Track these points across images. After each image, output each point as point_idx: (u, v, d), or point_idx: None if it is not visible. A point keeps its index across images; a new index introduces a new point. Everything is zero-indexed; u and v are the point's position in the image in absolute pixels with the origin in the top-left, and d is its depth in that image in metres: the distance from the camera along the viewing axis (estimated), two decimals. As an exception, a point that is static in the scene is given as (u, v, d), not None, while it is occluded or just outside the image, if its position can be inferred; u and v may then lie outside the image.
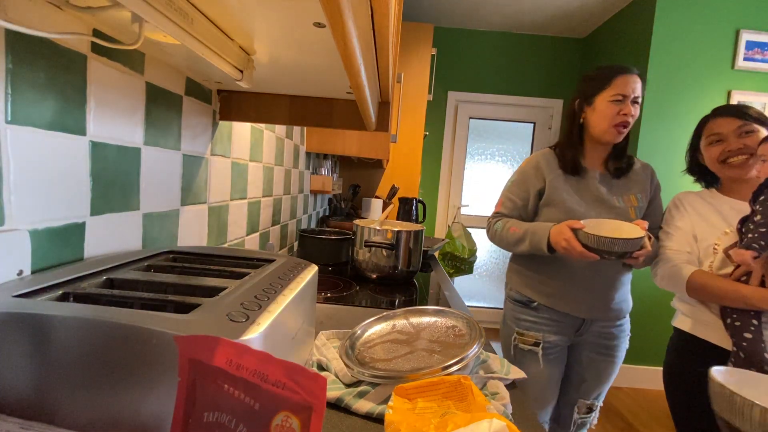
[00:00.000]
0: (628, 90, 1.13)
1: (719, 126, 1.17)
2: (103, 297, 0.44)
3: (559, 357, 1.26)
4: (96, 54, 0.56)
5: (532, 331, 1.26)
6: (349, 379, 0.67)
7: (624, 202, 1.20)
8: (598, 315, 1.22)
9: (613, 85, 1.15)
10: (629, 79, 1.14)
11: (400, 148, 2.78)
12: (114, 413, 0.36)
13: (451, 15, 3.31)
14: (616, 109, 1.14)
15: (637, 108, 1.16)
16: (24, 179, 0.46)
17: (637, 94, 1.15)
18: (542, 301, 1.25)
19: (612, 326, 1.25)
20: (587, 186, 1.21)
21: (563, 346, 1.26)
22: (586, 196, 1.20)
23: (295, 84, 0.85)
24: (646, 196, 1.21)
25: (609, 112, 1.15)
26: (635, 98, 1.15)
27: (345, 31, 0.41)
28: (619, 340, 1.27)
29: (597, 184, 1.21)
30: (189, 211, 0.86)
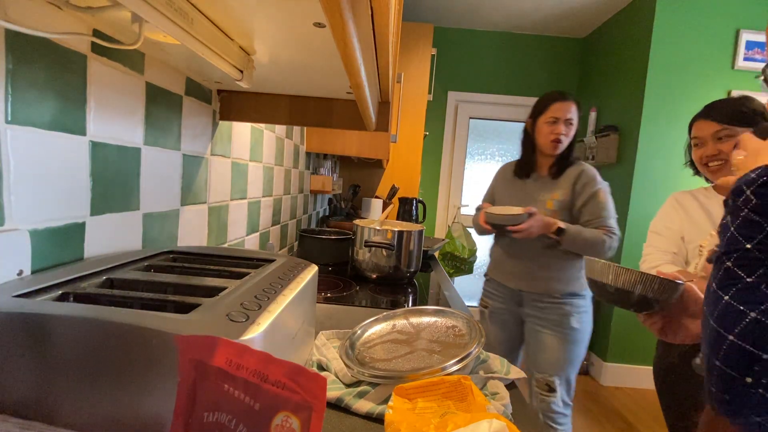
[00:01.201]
0: (561, 114, 1.48)
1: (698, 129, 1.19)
2: (103, 297, 0.44)
3: (504, 322, 1.64)
4: (96, 54, 0.56)
5: (486, 298, 1.71)
6: (349, 379, 0.67)
7: (546, 197, 1.51)
8: (524, 287, 1.55)
9: (550, 109, 1.49)
10: (563, 105, 1.48)
11: (400, 148, 2.78)
12: (114, 413, 0.35)
13: (451, 15, 3.31)
14: (550, 129, 1.49)
15: (570, 128, 1.50)
16: (24, 179, 0.46)
17: (569, 116, 1.48)
18: (490, 274, 1.70)
19: (549, 301, 1.51)
20: (524, 186, 1.58)
21: (509, 314, 1.63)
22: (520, 194, 1.58)
23: (295, 84, 0.85)
24: (569, 195, 1.49)
25: (546, 131, 1.50)
26: (567, 120, 1.48)
27: (345, 31, 0.41)
28: (563, 318, 1.49)
29: (533, 185, 1.56)
30: (189, 211, 0.86)
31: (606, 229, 1.44)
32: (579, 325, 1.49)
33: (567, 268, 1.50)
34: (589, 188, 1.46)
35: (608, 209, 1.46)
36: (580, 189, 1.47)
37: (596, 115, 3.17)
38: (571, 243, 1.44)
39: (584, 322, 1.50)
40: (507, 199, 1.61)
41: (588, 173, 1.49)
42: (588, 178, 1.48)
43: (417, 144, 2.79)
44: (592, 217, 1.45)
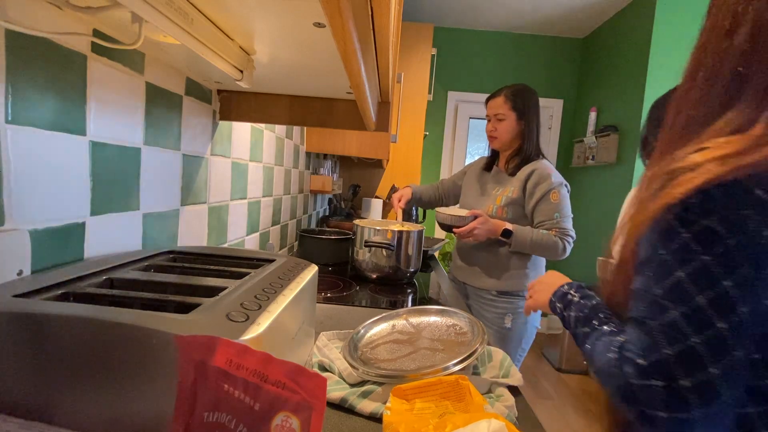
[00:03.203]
0: (490, 111, 1.55)
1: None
2: (103, 297, 0.44)
3: None
4: (96, 54, 0.56)
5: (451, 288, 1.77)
6: (354, 379, 0.67)
7: (497, 192, 1.54)
8: (468, 281, 1.60)
9: (486, 109, 1.59)
10: (491, 102, 1.55)
11: (400, 148, 2.78)
12: (114, 413, 0.36)
13: (451, 15, 3.31)
14: (486, 127, 1.59)
15: (501, 122, 1.52)
16: (24, 179, 0.46)
17: (497, 112, 1.52)
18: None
19: (487, 297, 1.54)
20: (485, 179, 1.64)
21: (462, 305, 1.59)
22: (478, 185, 1.65)
23: (295, 84, 0.85)
24: (519, 192, 1.49)
25: (486, 128, 1.60)
26: (495, 115, 1.53)
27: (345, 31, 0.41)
28: (497, 316, 1.52)
29: (491, 178, 1.62)
30: (189, 211, 0.86)
31: (558, 231, 1.42)
32: (510, 325, 1.50)
33: (509, 267, 1.50)
34: (541, 188, 1.44)
35: (561, 210, 1.44)
36: (531, 188, 1.46)
37: (596, 115, 3.17)
38: (521, 245, 1.44)
39: (518, 323, 1.50)
40: (467, 188, 1.69)
41: (540, 172, 1.46)
42: (539, 177, 1.45)
43: (417, 144, 2.79)
44: (545, 218, 1.44)
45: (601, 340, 0.54)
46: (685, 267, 0.45)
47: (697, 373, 0.42)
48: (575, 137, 3.49)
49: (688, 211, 0.45)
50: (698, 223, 0.45)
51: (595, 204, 3.13)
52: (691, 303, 0.44)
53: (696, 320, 0.43)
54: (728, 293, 0.43)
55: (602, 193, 3.06)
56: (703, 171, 0.45)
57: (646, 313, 0.47)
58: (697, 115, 0.52)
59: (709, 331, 0.43)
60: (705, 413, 0.42)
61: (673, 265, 0.46)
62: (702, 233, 0.44)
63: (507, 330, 1.51)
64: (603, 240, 2.96)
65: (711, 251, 0.44)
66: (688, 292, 0.44)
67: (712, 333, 0.42)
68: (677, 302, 0.45)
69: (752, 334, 0.44)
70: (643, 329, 0.47)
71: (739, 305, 0.43)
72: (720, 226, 0.44)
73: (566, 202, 1.46)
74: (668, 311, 0.45)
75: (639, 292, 0.49)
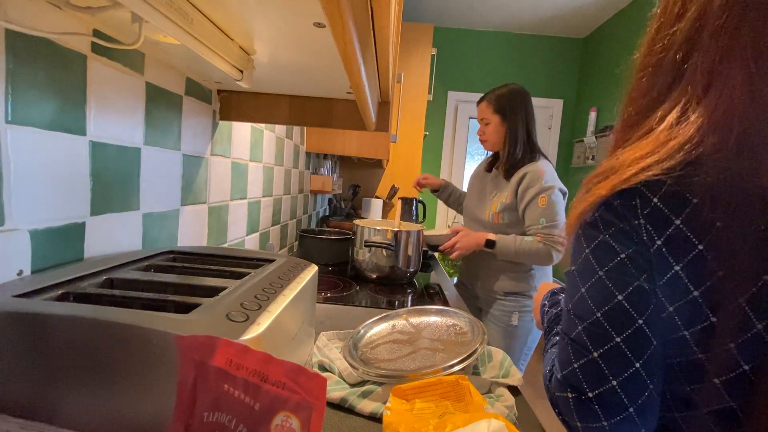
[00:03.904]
0: (477, 116, 1.58)
1: None
2: (103, 297, 0.44)
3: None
4: (96, 54, 0.56)
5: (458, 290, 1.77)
6: (354, 379, 0.67)
7: (494, 198, 1.55)
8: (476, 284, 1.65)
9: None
10: (478, 108, 1.58)
11: (400, 148, 2.78)
12: (114, 413, 0.36)
13: (451, 15, 3.31)
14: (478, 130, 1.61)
15: (487, 126, 1.54)
16: (24, 179, 0.46)
17: (483, 116, 1.54)
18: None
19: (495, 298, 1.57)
20: (486, 181, 1.64)
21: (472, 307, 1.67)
22: (478, 191, 1.66)
23: (295, 84, 0.85)
24: (512, 197, 1.48)
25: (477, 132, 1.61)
26: (481, 120, 1.56)
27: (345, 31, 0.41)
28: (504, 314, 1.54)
29: (491, 181, 1.61)
30: (189, 211, 0.86)
31: (543, 237, 1.41)
32: (518, 323, 1.53)
33: (514, 269, 1.52)
34: (530, 192, 1.43)
35: (548, 215, 1.41)
36: (522, 192, 1.45)
37: (596, 115, 3.17)
38: (505, 254, 1.46)
39: (525, 320, 1.53)
40: (470, 192, 1.72)
41: (532, 176, 1.44)
42: (530, 180, 1.43)
43: (417, 144, 2.79)
44: (531, 223, 1.44)
45: (545, 355, 0.56)
46: (585, 282, 0.46)
47: (599, 385, 0.44)
48: (575, 137, 3.49)
49: (591, 225, 0.46)
50: (596, 237, 0.46)
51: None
52: (590, 318, 0.45)
53: (595, 335, 0.45)
54: (622, 306, 0.44)
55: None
56: (609, 181, 0.45)
57: (564, 327, 0.49)
58: (640, 107, 0.51)
59: (607, 346, 0.44)
60: (616, 422, 0.43)
61: (578, 282, 0.47)
62: (598, 247, 0.46)
63: (514, 327, 1.53)
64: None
65: (604, 266, 0.45)
66: (589, 307, 0.46)
67: (610, 347, 0.44)
68: (581, 318, 0.46)
69: (667, 340, 0.44)
70: (562, 343, 0.49)
71: (634, 317, 0.43)
72: (613, 239, 0.44)
73: (556, 207, 1.42)
74: (576, 326, 0.47)
75: (562, 305, 0.51)
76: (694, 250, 0.41)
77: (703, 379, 0.43)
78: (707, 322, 0.42)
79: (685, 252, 0.42)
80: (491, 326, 1.57)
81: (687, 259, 0.42)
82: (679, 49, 0.47)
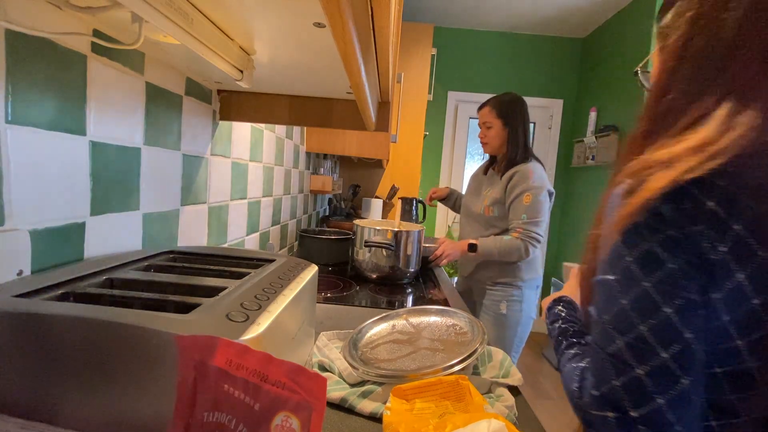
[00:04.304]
0: (480, 120, 1.71)
1: None
2: (103, 297, 0.44)
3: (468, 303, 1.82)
4: (96, 54, 0.56)
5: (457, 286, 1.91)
6: (354, 379, 0.67)
7: (487, 193, 1.68)
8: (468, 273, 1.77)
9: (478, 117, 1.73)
10: (480, 112, 1.70)
11: (400, 148, 2.78)
12: (114, 413, 0.36)
13: (451, 15, 3.31)
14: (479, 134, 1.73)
15: (489, 130, 1.67)
16: (24, 179, 0.46)
17: (486, 120, 1.67)
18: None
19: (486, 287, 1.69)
20: (480, 181, 1.78)
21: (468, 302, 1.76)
22: (474, 189, 1.79)
23: (295, 84, 0.85)
24: (502, 193, 1.61)
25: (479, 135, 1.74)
26: (483, 123, 1.69)
27: (345, 31, 0.41)
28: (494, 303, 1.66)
29: (486, 180, 1.75)
30: (189, 211, 0.86)
31: (522, 231, 1.52)
32: (506, 311, 1.64)
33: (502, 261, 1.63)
34: (517, 189, 1.55)
35: (531, 212, 1.52)
36: (510, 189, 1.57)
37: (596, 115, 3.17)
38: (488, 254, 1.58)
39: (514, 309, 1.64)
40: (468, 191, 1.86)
41: (521, 174, 1.56)
42: (519, 178, 1.55)
43: (417, 144, 2.79)
44: (513, 217, 1.56)
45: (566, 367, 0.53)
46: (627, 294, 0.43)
47: (644, 404, 0.41)
48: (575, 137, 3.49)
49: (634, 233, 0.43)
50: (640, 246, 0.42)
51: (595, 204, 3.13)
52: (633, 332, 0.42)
53: (639, 350, 0.42)
54: (670, 320, 0.41)
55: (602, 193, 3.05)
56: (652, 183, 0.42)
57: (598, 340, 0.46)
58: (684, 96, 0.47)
59: (653, 362, 0.41)
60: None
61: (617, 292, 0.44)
62: (643, 257, 0.42)
63: (503, 315, 1.64)
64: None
65: (651, 276, 0.42)
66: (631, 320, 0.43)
67: (656, 363, 0.41)
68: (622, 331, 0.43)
69: (715, 350, 0.42)
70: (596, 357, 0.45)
71: (683, 332, 0.41)
72: (661, 248, 0.41)
73: (539, 206, 1.53)
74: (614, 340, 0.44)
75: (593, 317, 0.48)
76: (757, 256, 0.39)
77: (751, 387, 0.41)
78: (765, 330, 0.40)
79: (748, 258, 0.39)
80: (483, 316, 1.69)
81: (752, 266, 0.39)
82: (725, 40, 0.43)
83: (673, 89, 0.48)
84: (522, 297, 1.66)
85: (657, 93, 0.51)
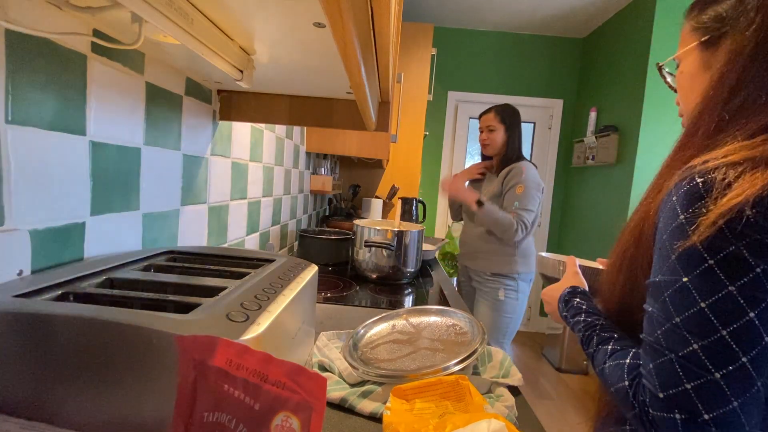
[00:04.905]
0: (482, 124, 1.91)
1: None
2: (103, 297, 0.44)
3: (467, 293, 2.04)
4: (96, 54, 0.56)
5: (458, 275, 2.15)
6: (354, 379, 0.67)
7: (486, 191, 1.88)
8: (469, 265, 1.96)
9: (479, 122, 1.93)
10: (483, 117, 1.91)
11: (400, 148, 2.78)
12: (114, 413, 0.36)
13: (451, 15, 3.31)
14: (479, 137, 1.94)
15: (492, 133, 1.87)
16: (24, 179, 0.46)
17: (489, 124, 1.88)
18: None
19: (485, 277, 1.87)
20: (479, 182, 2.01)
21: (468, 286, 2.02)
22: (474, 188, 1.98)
23: (295, 84, 0.85)
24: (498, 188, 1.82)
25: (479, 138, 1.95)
26: (487, 127, 1.88)
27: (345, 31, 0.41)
28: (492, 291, 1.84)
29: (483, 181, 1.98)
30: (189, 211, 0.86)
31: (514, 214, 1.70)
32: (503, 298, 1.82)
33: (500, 254, 1.82)
34: (511, 182, 1.76)
35: (522, 201, 1.71)
36: (506, 183, 1.79)
37: (596, 115, 3.17)
38: (486, 215, 1.75)
39: (510, 297, 1.82)
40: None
41: (516, 170, 1.77)
42: (513, 174, 1.77)
43: (417, 144, 2.79)
44: (508, 204, 1.76)
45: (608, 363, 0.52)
46: (708, 297, 0.42)
47: (719, 407, 0.41)
48: (575, 137, 3.49)
49: (717, 236, 0.42)
50: (725, 249, 0.42)
51: (595, 204, 3.13)
52: (713, 336, 0.41)
53: (718, 355, 0.41)
54: (754, 325, 0.40)
55: (602, 193, 3.05)
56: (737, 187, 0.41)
57: (664, 341, 0.45)
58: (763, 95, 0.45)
59: (732, 366, 0.41)
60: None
61: (695, 294, 0.43)
62: (728, 260, 0.41)
63: (500, 302, 1.84)
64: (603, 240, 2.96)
65: (736, 280, 0.41)
66: (711, 324, 0.42)
67: (736, 367, 0.41)
68: (699, 335, 0.42)
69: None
70: (660, 358, 0.44)
71: (764, 336, 0.41)
72: (748, 251, 0.41)
73: (531, 197, 1.71)
74: (689, 343, 0.43)
75: (655, 317, 0.46)
76: None
77: None
78: None
79: None
80: (482, 302, 1.88)
81: None
82: None
83: (746, 87, 0.47)
84: (518, 288, 1.84)
85: (724, 90, 0.49)
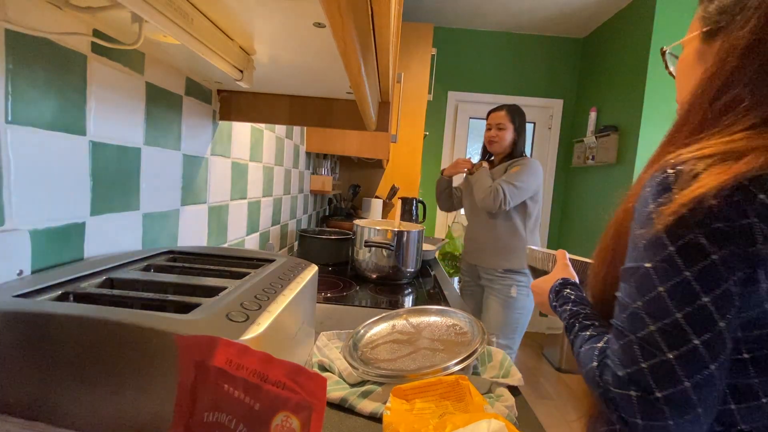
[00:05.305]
0: (492, 121, 1.93)
1: None
2: (103, 297, 0.44)
3: (472, 293, 2.05)
4: (96, 54, 0.56)
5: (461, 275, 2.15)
6: (354, 379, 0.67)
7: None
8: (478, 262, 1.95)
9: (487, 120, 1.97)
10: (494, 114, 1.93)
11: (400, 148, 2.78)
12: (114, 413, 0.36)
13: (451, 15, 3.31)
14: (486, 135, 1.96)
15: (502, 131, 1.89)
16: (24, 179, 0.46)
17: (499, 121, 1.90)
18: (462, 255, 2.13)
19: (495, 274, 1.88)
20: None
21: (475, 285, 2.03)
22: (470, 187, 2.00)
23: (295, 84, 0.85)
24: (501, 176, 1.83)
25: (486, 136, 1.97)
26: (498, 125, 1.90)
27: (345, 31, 0.41)
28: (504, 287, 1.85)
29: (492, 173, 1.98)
30: (189, 211, 0.86)
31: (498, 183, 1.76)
32: (516, 295, 1.84)
33: (511, 249, 1.85)
34: (512, 167, 1.84)
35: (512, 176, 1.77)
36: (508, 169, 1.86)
37: (596, 115, 3.17)
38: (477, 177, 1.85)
39: (522, 294, 1.84)
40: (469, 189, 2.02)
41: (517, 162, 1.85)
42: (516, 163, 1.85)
43: (417, 144, 2.79)
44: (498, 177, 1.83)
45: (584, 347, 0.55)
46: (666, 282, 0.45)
47: (670, 386, 0.43)
48: (575, 137, 3.49)
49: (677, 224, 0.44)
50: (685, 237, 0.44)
51: (595, 204, 3.13)
52: (668, 319, 0.44)
53: (672, 336, 0.44)
54: (707, 309, 0.42)
55: (602, 193, 3.06)
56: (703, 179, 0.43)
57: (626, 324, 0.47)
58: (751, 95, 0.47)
59: (684, 348, 0.43)
60: (682, 422, 0.43)
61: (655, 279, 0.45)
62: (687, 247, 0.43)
63: (512, 299, 1.84)
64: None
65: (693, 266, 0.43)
66: (667, 307, 0.44)
67: (687, 349, 0.43)
68: (655, 317, 0.45)
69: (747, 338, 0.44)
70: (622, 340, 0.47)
71: (717, 321, 0.42)
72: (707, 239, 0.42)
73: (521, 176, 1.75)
74: (647, 325, 0.45)
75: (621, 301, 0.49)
76: None
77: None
78: None
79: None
80: (493, 299, 1.88)
81: None
82: None
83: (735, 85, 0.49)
84: (528, 283, 1.84)
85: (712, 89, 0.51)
